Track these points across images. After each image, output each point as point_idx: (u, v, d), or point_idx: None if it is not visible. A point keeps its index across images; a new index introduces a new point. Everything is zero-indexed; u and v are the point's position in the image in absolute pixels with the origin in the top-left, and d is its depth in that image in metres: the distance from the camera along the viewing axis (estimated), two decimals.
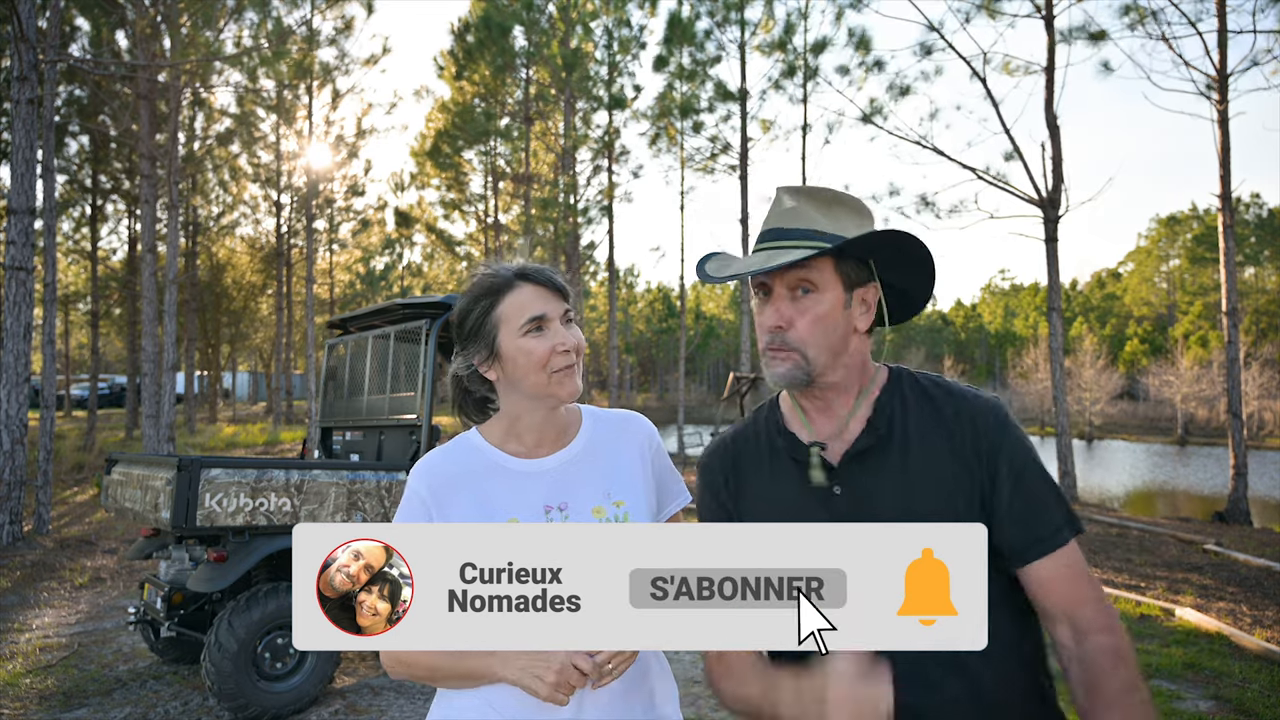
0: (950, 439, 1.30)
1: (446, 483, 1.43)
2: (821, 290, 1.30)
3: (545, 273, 1.46)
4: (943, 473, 1.28)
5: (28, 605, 6.96)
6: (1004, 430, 1.30)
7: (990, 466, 1.28)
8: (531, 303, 1.42)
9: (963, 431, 1.30)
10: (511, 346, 1.42)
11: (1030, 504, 1.27)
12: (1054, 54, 12.86)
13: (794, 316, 1.30)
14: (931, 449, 1.29)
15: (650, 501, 1.51)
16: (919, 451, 1.30)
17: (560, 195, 22.16)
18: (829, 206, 1.33)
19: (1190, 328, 51.89)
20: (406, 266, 45.35)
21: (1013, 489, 1.27)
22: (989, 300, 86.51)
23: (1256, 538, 10.87)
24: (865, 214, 1.36)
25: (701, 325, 60.56)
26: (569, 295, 1.47)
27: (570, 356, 1.42)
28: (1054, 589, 1.26)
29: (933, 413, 1.33)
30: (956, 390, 1.36)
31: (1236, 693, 4.75)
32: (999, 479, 1.27)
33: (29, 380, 9.47)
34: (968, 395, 1.35)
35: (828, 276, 1.30)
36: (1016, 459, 1.29)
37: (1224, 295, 13.10)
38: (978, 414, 1.31)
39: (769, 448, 1.41)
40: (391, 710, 4.56)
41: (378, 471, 4.85)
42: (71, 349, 35.52)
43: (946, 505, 1.26)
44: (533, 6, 21.76)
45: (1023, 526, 1.26)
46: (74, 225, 22.93)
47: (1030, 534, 1.26)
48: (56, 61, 10.64)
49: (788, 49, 20.24)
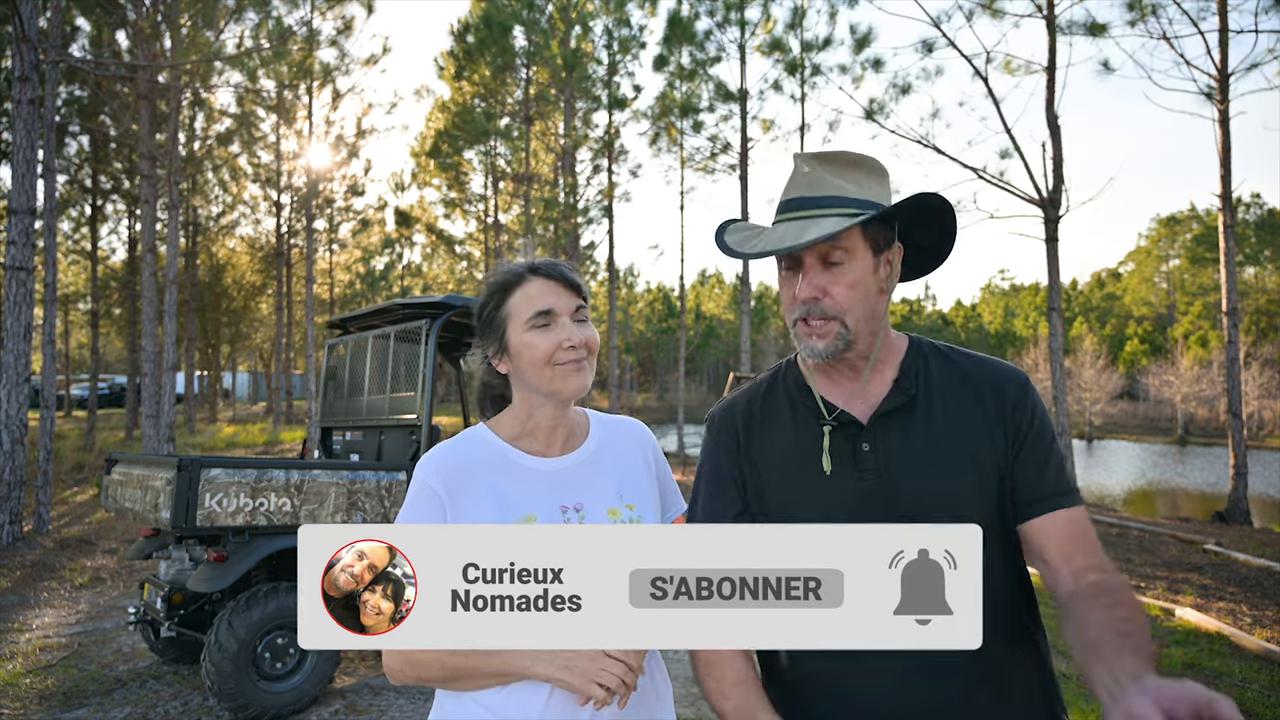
0: (978, 401, 1.33)
1: (460, 476, 1.41)
2: (853, 257, 1.28)
3: (557, 267, 1.45)
4: (969, 433, 1.31)
5: (28, 605, 6.97)
6: (1026, 393, 1.34)
7: (1014, 426, 1.31)
8: (540, 296, 1.42)
9: (988, 393, 1.33)
10: (518, 340, 1.42)
11: (1047, 463, 1.31)
12: (1055, 53, 12.86)
13: (827, 284, 1.28)
14: (957, 410, 1.32)
15: (657, 505, 1.52)
16: (945, 412, 1.32)
17: (560, 195, 22.16)
18: (851, 171, 1.32)
19: (1190, 328, 51.88)
20: (406, 266, 45.33)
21: (1032, 447, 1.31)
22: (989, 300, 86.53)
23: (1256, 538, 10.87)
24: (884, 174, 1.36)
25: (701, 325, 60.55)
26: (582, 291, 1.46)
27: (577, 352, 1.40)
28: (1058, 538, 1.27)
29: (957, 376, 1.36)
30: (977, 356, 1.40)
31: (1236, 693, 4.75)
32: (1021, 438, 1.31)
33: (29, 380, 9.47)
34: (989, 361, 1.39)
35: (857, 243, 1.29)
36: (1037, 422, 1.32)
37: (1224, 295, 13.11)
38: (1001, 377, 1.35)
39: (789, 402, 1.41)
40: (391, 710, 4.56)
41: (378, 471, 4.84)
42: (71, 349, 35.51)
43: (972, 465, 1.29)
44: (533, 6, 21.76)
45: (1037, 481, 1.30)
46: (74, 225, 22.93)
47: (1044, 488, 1.29)
48: (57, 62, 10.64)
49: (787, 48, 20.23)
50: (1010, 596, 1.32)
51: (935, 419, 1.32)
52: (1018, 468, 1.31)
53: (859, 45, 19.04)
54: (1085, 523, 1.30)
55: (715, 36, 21.38)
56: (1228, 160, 12.88)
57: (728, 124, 21.74)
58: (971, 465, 1.29)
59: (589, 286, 1.50)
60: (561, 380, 1.40)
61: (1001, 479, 1.31)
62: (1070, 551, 1.26)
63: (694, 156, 22.58)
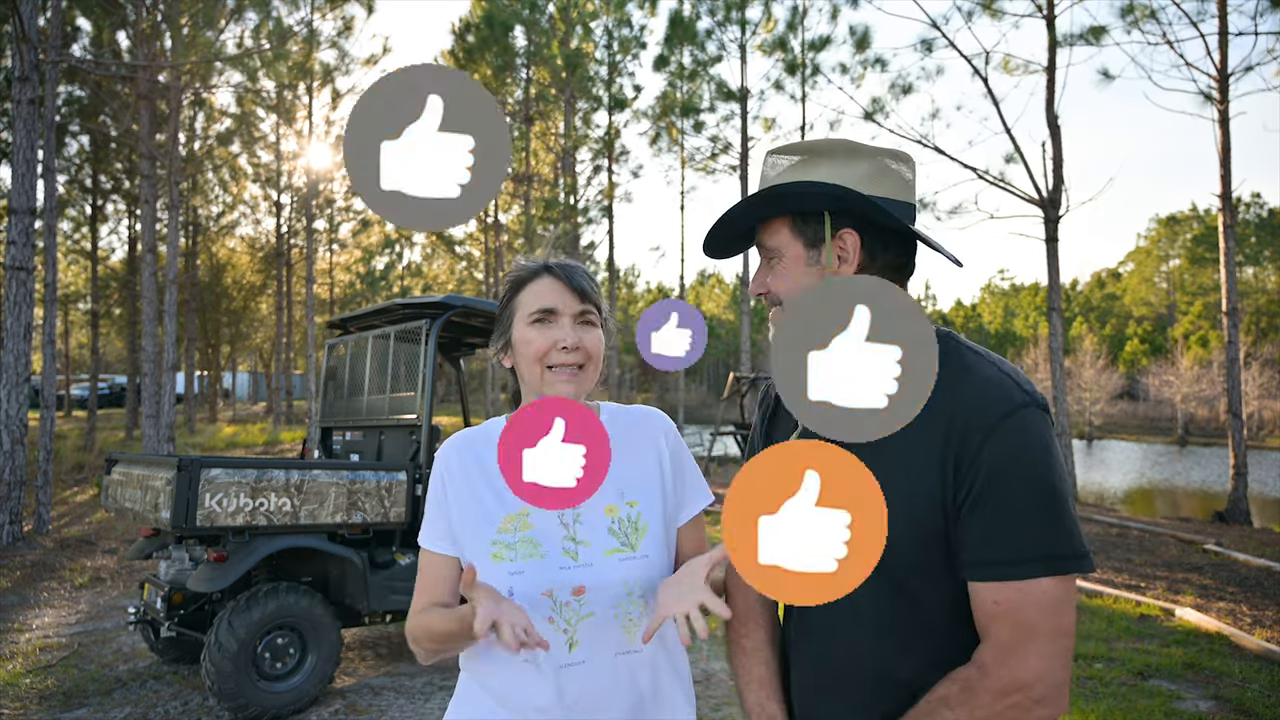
0: (932, 423, 1.12)
1: (465, 463, 1.45)
2: (781, 252, 1.29)
3: (567, 269, 1.45)
4: (912, 456, 1.15)
5: (28, 605, 6.97)
6: (1003, 425, 1.10)
7: (966, 462, 1.11)
8: (545, 294, 1.42)
9: (953, 416, 1.12)
10: (519, 335, 1.43)
11: (998, 518, 1.10)
12: (1055, 53, 12.85)
13: (768, 280, 1.31)
14: (910, 429, 1.06)
15: (665, 502, 1.49)
16: (898, 433, 1.10)
17: (560, 195, 22.16)
18: (806, 161, 1.28)
19: (1190, 328, 51.88)
20: (406, 266, 45.32)
21: (982, 494, 1.10)
22: (989, 300, 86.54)
23: (1256, 538, 10.87)
24: (852, 159, 1.25)
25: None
26: (590, 296, 1.44)
27: (570, 355, 1.39)
28: (980, 614, 1.12)
29: (942, 385, 1.12)
30: (983, 373, 1.17)
31: (1236, 693, 4.75)
32: (973, 479, 1.11)
33: (29, 380, 9.47)
34: (989, 380, 1.16)
35: (784, 238, 1.28)
36: (1005, 462, 1.09)
37: (1224, 295, 13.10)
38: (981, 401, 1.13)
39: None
40: (391, 710, 4.56)
41: (378, 471, 4.84)
42: (71, 349, 35.51)
43: (899, 498, 1.11)
44: (533, 6, 21.77)
45: (980, 540, 1.11)
46: (74, 225, 22.93)
47: (984, 552, 1.11)
48: (58, 62, 10.64)
49: (788, 48, 20.23)
50: (949, 629, 1.18)
51: (887, 438, 1.14)
52: (962, 524, 1.13)
53: (859, 45, 19.06)
54: (1026, 604, 1.08)
55: (716, 36, 21.40)
56: (1228, 160, 12.87)
57: (728, 124, 21.78)
58: (905, 495, 1.14)
59: (599, 293, 1.48)
60: (549, 384, 1.40)
61: (945, 523, 1.14)
62: (984, 630, 1.12)
63: (695, 156, 22.60)
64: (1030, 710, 1.07)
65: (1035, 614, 1.08)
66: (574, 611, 1.37)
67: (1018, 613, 1.08)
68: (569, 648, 1.36)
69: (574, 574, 1.37)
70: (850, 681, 1.25)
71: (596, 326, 1.45)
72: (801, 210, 1.26)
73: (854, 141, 1.28)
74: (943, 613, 1.18)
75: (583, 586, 1.37)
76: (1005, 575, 1.09)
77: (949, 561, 1.16)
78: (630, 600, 1.40)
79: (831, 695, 1.28)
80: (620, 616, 1.39)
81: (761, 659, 1.40)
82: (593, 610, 1.37)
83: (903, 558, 1.15)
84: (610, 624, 1.38)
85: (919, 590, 1.19)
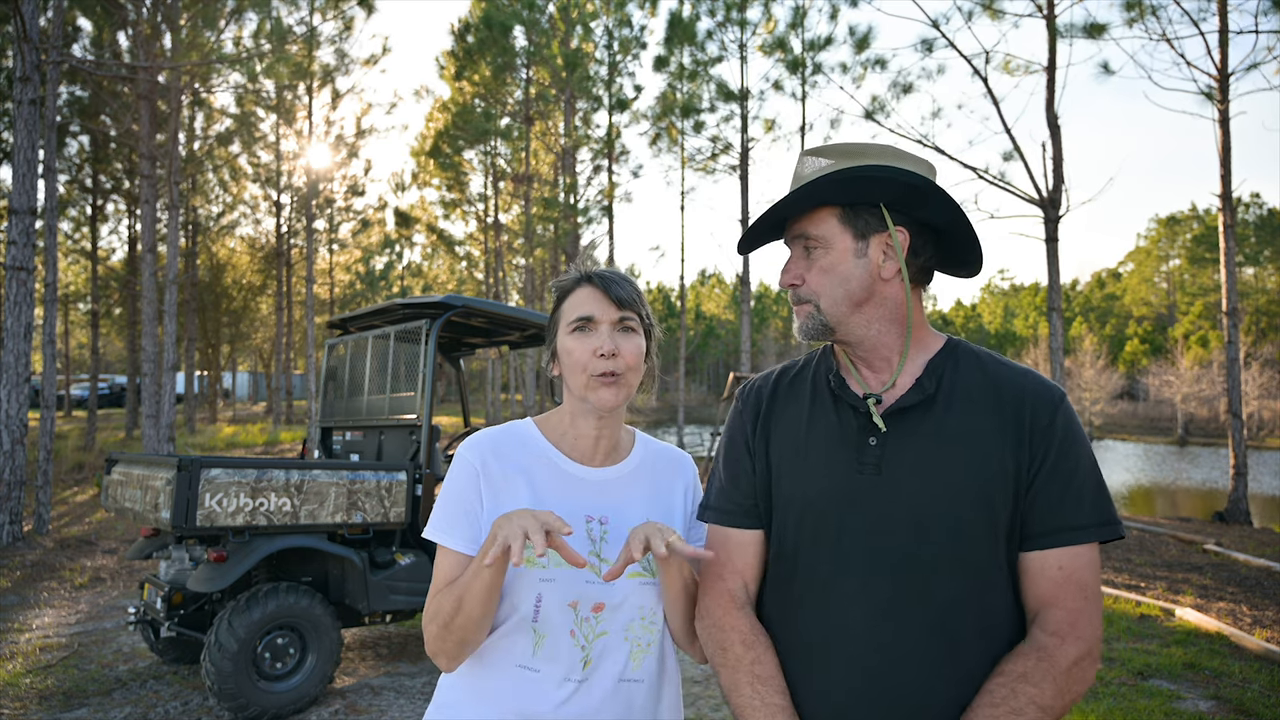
0: (999, 412, 1.25)
1: (501, 460, 1.44)
2: (828, 242, 1.28)
3: (604, 277, 1.45)
4: (980, 444, 1.24)
5: (28, 605, 6.97)
6: (1057, 414, 1.24)
7: (1036, 447, 1.23)
8: (583, 304, 1.43)
9: (1015, 407, 1.25)
10: (562, 345, 1.45)
11: (1065, 493, 1.22)
12: (1055, 53, 12.85)
13: (803, 272, 1.30)
14: (975, 418, 1.25)
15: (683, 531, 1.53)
16: (961, 417, 1.26)
17: (560, 195, 22.16)
18: (847, 158, 1.28)
19: (1190, 328, 51.87)
20: (406, 266, 45.36)
21: (1048, 476, 1.22)
22: (989, 300, 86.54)
23: (1256, 538, 10.87)
24: (899, 161, 1.28)
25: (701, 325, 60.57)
26: (628, 303, 1.43)
27: (609, 363, 1.40)
28: (1044, 582, 1.21)
29: (987, 384, 1.28)
30: (1018, 368, 1.31)
31: (1236, 693, 4.75)
32: (1039, 464, 1.22)
33: (29, 380, 9.47)
34: (1029, 374, 1.30)
35: (831, 228, 1.28)
36: (1061, 448, 1.23)
37: (1224, 295, 13.11)
38: (1033, 393, 1.26)
39: (813, 384, 1.40)
40: (391, 710, 4.56)
41: (378, 471, 4.84)
42: (71, 349, 35.50)
43: (978, 474, 1.22)
44: (533, 7, 21.76)
45: (1048, 514, 1.22)
46: (74, 225, 22.92)
47: (1053, 519, 1.22)
48: (58, 62, 10.63)
49: (789, 47, 20.22)
50: (1010, 628, 1.24)
51: (949, 421, 1.26)
52: (1032, 495, 1.23)
53: (859, 45, 19.05)
54: (1084, 567, 1.21)
55: (716, 36, 21.38)
56: (1228, 160, 12.88)
57: (729, 124, 21.76)
58: (977, 474, 1.22)
59: (640, 301, 1.47)
60: (593, 391, 1.41)
61: (1015, 497, 1.23)
62: (1050, 599, 1.21)
63: (695, 157, 22.58)
64: (1091, 668, 1.19)
65: (1090, 576, 1.21)
66: (592, 628, 1.38)
67: (1079, 575, 1.20)
68: (583, 665, 1.37)
69: (597, 589, 1.38)
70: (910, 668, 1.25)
71: (637, 333, 1.45)
72: (887, 198, 1.27)
73: (894, 146, 1.30)
74: (1004, 614, 1.25)
75: (603, 603, 1.38)
76: (1072, 540, 1.21)
77: (1011, 546, 1.24)
78: (642, 625, 1.41)
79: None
80: (630, 640, 1.40)
81: (776, 687, 1.31)
82: (607, 629, 1.38)
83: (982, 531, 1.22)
84: (619, 646, 1.39)
85: (984, 587, 1.23)
